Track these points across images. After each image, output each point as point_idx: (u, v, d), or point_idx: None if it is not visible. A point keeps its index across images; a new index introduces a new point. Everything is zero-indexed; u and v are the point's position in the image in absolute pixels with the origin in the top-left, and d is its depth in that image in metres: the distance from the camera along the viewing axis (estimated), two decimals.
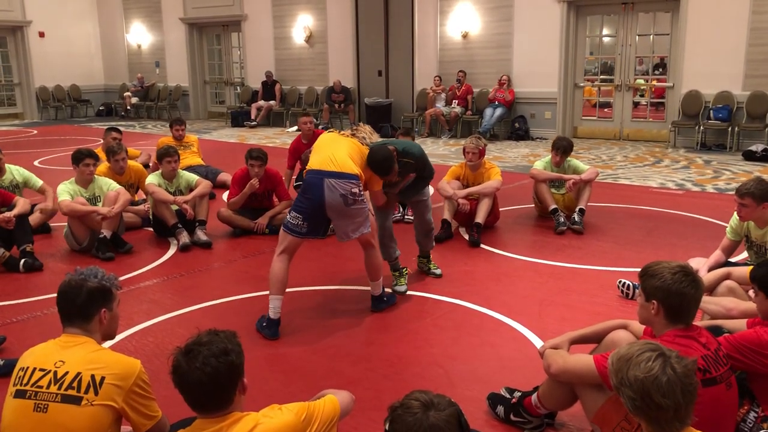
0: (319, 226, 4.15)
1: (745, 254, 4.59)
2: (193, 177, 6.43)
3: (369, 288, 4.45)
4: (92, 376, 2.26)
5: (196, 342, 2.05)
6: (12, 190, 6.17)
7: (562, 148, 6.40)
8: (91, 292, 2.43)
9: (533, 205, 6.88)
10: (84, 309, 2.42)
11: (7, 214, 5.34)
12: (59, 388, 2.24)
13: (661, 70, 14.02)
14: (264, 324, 4.08)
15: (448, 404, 1.83)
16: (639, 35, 12.25)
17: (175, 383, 2.02)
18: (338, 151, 4.06)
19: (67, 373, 2.27)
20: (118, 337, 3.95)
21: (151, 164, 8.15)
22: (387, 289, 4.53)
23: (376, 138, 4.45)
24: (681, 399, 1.84)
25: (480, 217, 5.97)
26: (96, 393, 2.24)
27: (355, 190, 3.96)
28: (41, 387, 2.25)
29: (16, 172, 6.34)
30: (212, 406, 2.02)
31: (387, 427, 1.82)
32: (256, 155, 6.14)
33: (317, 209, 4.01)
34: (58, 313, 2.46)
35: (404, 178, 4.53)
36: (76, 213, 5.65)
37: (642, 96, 13.34)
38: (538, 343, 3.81)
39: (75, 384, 2.25)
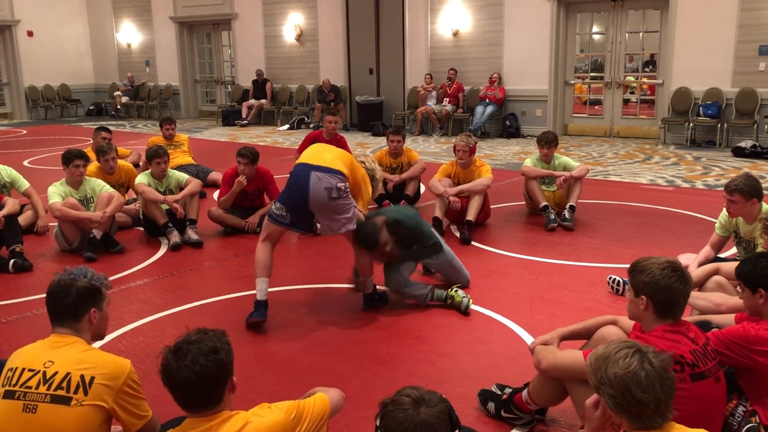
0: (302, 220, 4.15)
1: (734, 250, 4.62)
2: (183, 176, 6.41)
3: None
4: (82, 376, 2.26)
5: (185, 341, 2.04)
6: (0, 191, 6.15)
7: (546, 140, 6.45)
8: (81, 292, 2.43)
9: (524, 203, 6.90)
10: (73, 309, 2.42)
11: None
12: (48, 389, 2.23)
13: (650, 67, 14.08)
14: (252, 311, 4.10)
15: (439, 400, 1.83)
16: (629, 32, 12.30)
17: (164, 382, 2.02)
18: (328, 152, 4.19)
19: (56, 373, 2.26)
20: (108, 337, 3.94)
21: (141, 164, 8.12)
22: (379, 287, 4.52)
23: (377, 167, 4.49)
24: (661, 393, 1.85)
25: (471, 215, 5.98)
26: (86, 393, 2.24)
27: (341, 185, 3.99)
28: (30, 387, 2.24)
29: (4, 172, 6.29)
30: (201, 405, 2.02)
31: (378, 423, 1.83)
32: (243, 153, 6.13)
33: (301, 201, 4.04)
34: (48, 313, 2.45)
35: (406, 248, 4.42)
36: (68, 218, 5.62)
37: (632, 93, 13.39)
38: (529, 339, 3.82)
39: (64, 384, 2.24)
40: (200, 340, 2.03)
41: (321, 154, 4.11)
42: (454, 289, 4.42)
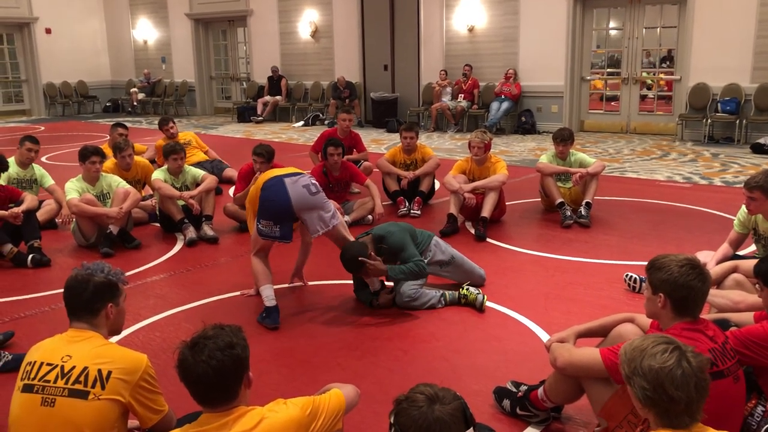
0: (289, 230, 4.21)
1: (753, 247, 4.57)
2: (199, 172, 6.44)
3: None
4: (99, 371, 2.27)
5: (201, 336, 2.05)
6: (30, 185, 6.32)
7: (562, 137, 6.40)
8: (98, 287, 2.44)
9: (539, 199, 6.86)
10: (90, 304, 2.43)
11: (15, 209, 5.36)
12: (66, 383, 2.25)
13: (668, 63, 13.95)
14: (263, 314, 4.12)
15: (453, 398, 1.83)
16: (646, 28, 12.18)
17: (181, 377, 2.03)
18: (285, 169, 4.41)
19: (74, 367, 2.28)
20: (125, 332, 3.96)
21: (157, 160, 8.15)
22: (388, 284, 4.51)
23: None
24: (694, 393, 1.83)
25: (486, 212, 5.96)
26: (103, 387, 2.26)
27: (314, 181, 4.22)
28: (48, 381, 2.27)
29: (36, 168, 6.46)
30: (217, 400, 2.02)
31: (392, 420, 1.83)
32: (259, 151, 6.11)
33: (285, 208, 4.12)
34: (65, 307, 2.47)
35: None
36: (85, 214, 5.67)
37: (649, 89, 13.28)
38: (544, 336, 3.81)
39: (82, 378, 2.26)
40: (217, 335, 2.04)
41: (282, 170, 4.34)
42: (465, 288, 4.40)
